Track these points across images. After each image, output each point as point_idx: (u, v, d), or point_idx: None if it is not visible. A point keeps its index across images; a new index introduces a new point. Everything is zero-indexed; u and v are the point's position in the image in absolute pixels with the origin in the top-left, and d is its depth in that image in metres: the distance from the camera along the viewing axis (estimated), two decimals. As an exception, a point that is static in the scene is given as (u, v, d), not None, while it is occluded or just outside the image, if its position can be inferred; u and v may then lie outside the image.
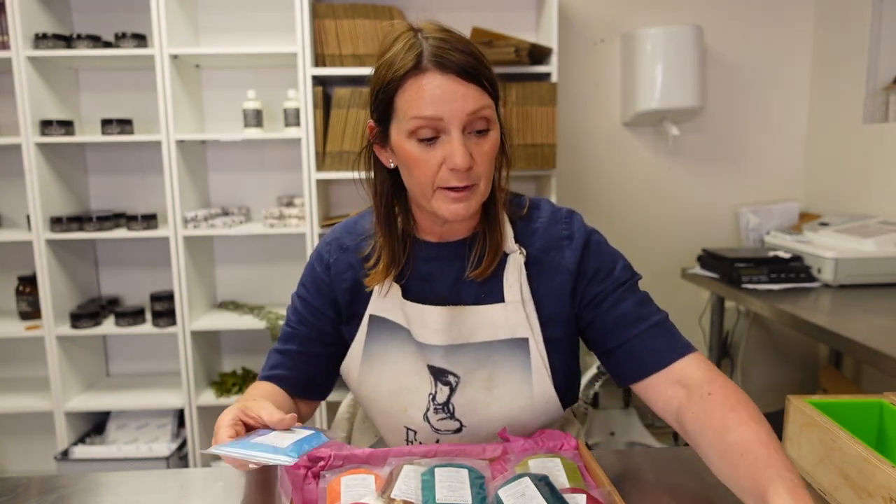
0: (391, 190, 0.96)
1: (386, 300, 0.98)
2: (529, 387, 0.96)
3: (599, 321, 0.96)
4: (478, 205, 0.91)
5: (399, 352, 0.99)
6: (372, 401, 1.02)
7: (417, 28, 0.89)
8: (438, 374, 0.97)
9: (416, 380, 0.98)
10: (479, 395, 0.97)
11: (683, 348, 0.92)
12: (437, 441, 0.99)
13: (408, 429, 1.00)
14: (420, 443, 1.00)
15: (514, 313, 0.95)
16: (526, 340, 0.96)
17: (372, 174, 0.96)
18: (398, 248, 0.97)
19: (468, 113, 0.85)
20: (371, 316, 1.00)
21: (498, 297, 0.97)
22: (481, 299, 0.97)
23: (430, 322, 0.95)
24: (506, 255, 0.97)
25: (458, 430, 0.98)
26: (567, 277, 0.96)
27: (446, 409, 0.98)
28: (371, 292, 0.99)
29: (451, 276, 0.98)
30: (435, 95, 0.84)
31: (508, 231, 0.98)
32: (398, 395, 0.99)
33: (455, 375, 0.97)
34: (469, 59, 0.85)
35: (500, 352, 0.96)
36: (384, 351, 1.00)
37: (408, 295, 0.98)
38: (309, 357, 1.02)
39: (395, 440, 1.03)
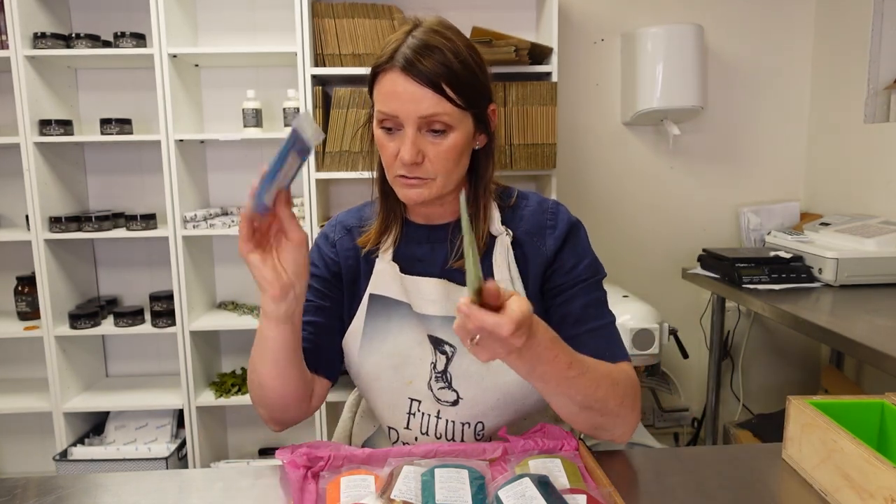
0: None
1: (386, 278, 1.03)
2: None
3: (549, 314, 1.02)
4: (432, 195, 0.96)
5: (400, 327, 1.03)
6: (374, 379, 1.04)
7: (418, 23, 0.94)
8: (437, 344, 1.01)
9: (419, 351, 1.02)
10: (474, 367, 1.00)
11: (614, 357, 0.96)
12: (438, 412, 1.02)
13: (412, 399, 1.03)
14: (424, 413, 1.02)
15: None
16: None
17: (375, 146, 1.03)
18: (392, 216, 1.05)
19: (421, 116, 0.90)
20: (371, 295, 1.04)
21: (487, 277, 1.00)
22: None
23: (426, 292, 1.00)
24: (494, 238, 1.02)
25: (455, 403, 1.01)
26: (543, 262, 1.01)
27: (444, 377, 1.01)
28: (370, 272, 1.04)
29: (441, 258, 1.03)
30: (395, 93, 0.90)
31: (496, 215, 1.03)
32: (402, 369, 1.03)
33: (451, 345, 1.01)
34: (436, 67, 0.89)
35: None
36: (386, 328, 1.03)
37: (404, 271, 1.03)
38: (322, 327, 1.05)
39: (398, 416, 1.04)
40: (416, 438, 1.04)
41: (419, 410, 1.03)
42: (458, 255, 1.01)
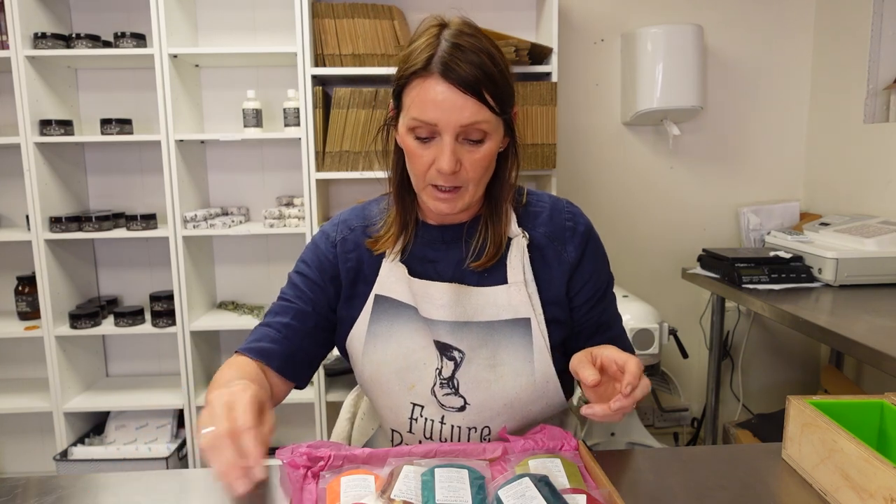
0: (404, 167, 1.00)
1: (392, 280, 1.01)
2: (531, 366, 0.99)
3: (579, 318, 1.05)
4: (464, 205, 0.95)
5: (405, 329, 1.01)
6: (376, 382, 1.03)
7: (445, 24, 0.92)
8: (444, 350, 1.00)
9: (423, 356, 1.00)
10: (483, 373, 0.99)
11: (633, 350, 1.09)
12: (443, 417, 1.00)
13: (414, 405, 1.02)
14: (427, 419, 1.01)
15: (516, 294, 0.99)
16: (528, 320, 0.99)
17: (391, 147, 1.01)
18: (409, 218, 1.02)
19: (462, 124, 0.88)
20: (377, 296, 1.02)
21: (501, 279, 1.00)
22: (484, 280, 1.01)
23: (436, 298, 0.98)
24: (509, 239, 1.01)
25: (462, 409, 1.00)
26: (567, 269, 1.02)
27: (451, 384, 1.00)
28: (375, 274, 1.02)
29: (455, 258, 1.02)
30: (434, 101, 0.87)
31: (512, 216, 1.02)
32: (405, 373, 1.01)
33: (460, 351, 0.99)
34: (476, 73, 0.87)
35: (502, 331, 0.99)
36: (389, 330, 1.02)
37: (413, 274, 1.01)
38: (300, 331, 1.02)
39: (400, 419, 1.03)
40: (419, 443, 1.03)
41: (422, 416, 1.01)
42: (474, 256, 1.00)
